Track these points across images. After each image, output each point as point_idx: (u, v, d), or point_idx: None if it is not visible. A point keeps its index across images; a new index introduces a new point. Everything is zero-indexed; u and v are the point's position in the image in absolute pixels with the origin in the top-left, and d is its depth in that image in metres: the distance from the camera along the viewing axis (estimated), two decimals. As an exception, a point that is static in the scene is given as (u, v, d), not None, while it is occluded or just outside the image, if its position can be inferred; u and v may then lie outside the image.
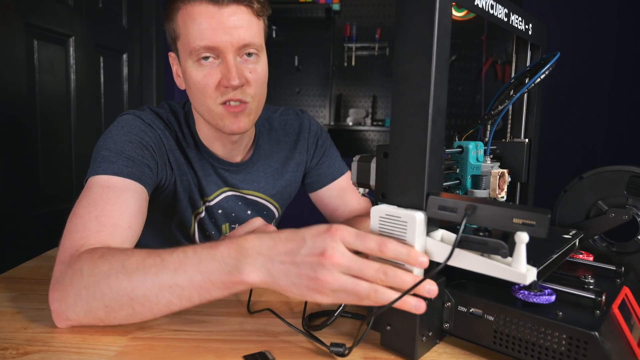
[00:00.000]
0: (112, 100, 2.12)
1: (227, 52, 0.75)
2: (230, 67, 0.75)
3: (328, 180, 1.03)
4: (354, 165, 0.59)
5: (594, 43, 2.71)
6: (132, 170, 0.72)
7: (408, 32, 0.45)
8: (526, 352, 0.46)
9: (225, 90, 0.77)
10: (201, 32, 0.74)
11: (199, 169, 0.89)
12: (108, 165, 0.71)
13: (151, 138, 0.79)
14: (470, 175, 0.59)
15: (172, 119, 0.87)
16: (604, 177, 0.69)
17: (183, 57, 0.79)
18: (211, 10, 0.74)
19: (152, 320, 0.58)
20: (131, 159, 0.74)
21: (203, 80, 0.77)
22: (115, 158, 0.72)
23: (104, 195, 0.67)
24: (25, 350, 0.50)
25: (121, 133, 0.76)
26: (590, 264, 0.60)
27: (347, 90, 2.97)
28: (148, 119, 0.82)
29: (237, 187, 0.93)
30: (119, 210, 0.66)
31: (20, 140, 1.50)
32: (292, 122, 1.02)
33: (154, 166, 0.78)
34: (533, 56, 0.68)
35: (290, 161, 1.00)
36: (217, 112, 0.79)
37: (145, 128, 0.80)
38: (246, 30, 0.76)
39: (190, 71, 0.78)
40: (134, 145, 0.75)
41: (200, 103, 0.80)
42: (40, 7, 1.59)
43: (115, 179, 0.70)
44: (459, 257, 0.44)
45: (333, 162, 1.04)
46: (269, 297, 0.68)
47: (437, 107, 0.45)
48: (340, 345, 0.49)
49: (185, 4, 0.75)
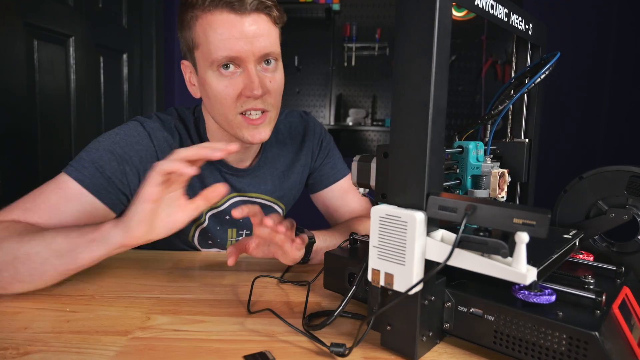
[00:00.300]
0: (112, 101, 2.11)
1: (249, 61, 0.75)
2: (253, 77, 0.75)
3: (330, 182, 1.04)
4: (354, 165, 0.59)
5: (594, 43, 2.72)
6: (94, 182, 0.74)
7: (408, 32, 0.45)
8: (526, 352, 0.46)
9: (246, 100, 0.77)
10: (223, 42, 0.73)
11: (206, 177, 0.88)
12: (76, 169, 0.75)
13: (140, 150, 0.80)
14: (471, 175, 0.59)
15: (180, 125, 0.87)
16: (604, 177, 0.69)
17: (202, 66, 0.78)
18: (232, 19, 0.73)
19: (152, 320, 0.58)
20: (101, 171, 0.75)
21: (224, 91, 0.76)
22: (87, 164, 0.75)
23: (52, 195, 0.72)
24: (26, 350, 0.50)
25: (110, 141, 0.78)
26: (590, 264, 0.60)
27: (347, 90, 2.97)
28: (150, 127, 0.82)
29: (243, 191, 0.93)
30: (49, 214, 0.70)
31: (20, 140, 1.50)
32: (297, 124, 1.02)
33: (124, 182, 0.78)
34: (533, 56, 0.68)
35: (296, 163, 1.00)
36: (236, 122, 0.79)
37: (140, 139, 0.80)
38: (266, 39, 0.76)
39: (211, 81, 0.77)
40: (111, 157, 0.77)
41: (218, 113, 0.80)
42: (40, 7, 1.59)
43: (74, 185, 0.73)
44: (459, 257, 0.44)
45: (335, 164, 1.05)
46: (269, 297, 0.68)
47: (437, 107, 0.45)
48: (340, 346, 0.49)
49: (205, 13, 0.74)
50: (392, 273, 0.48)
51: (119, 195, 0.77)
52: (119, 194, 0.77)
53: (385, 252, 0.48)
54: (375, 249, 0.49)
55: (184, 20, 0.77)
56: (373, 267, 0.50)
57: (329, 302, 0.66)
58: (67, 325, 0.56)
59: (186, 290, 0.69)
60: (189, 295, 0.68)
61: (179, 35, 0.81)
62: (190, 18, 0.76)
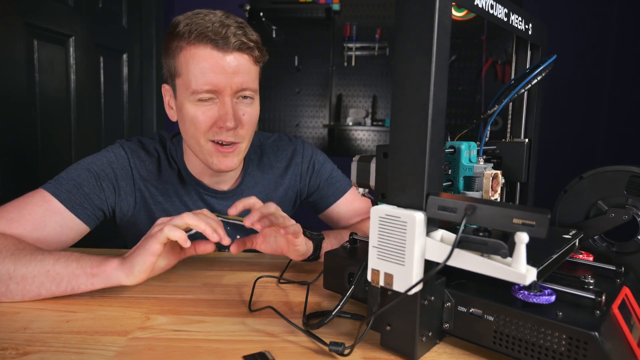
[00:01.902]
0: (112, 100, 2.11)
1: (225, 94, 0.78)
2: (227, 109, 0.79)
3: (334, 199, 1.04)
4: (353, 165, 0.59)
5: (594, 43, 2.72)
6: (70, 197, 0.77)
7: (408, 32, 0.45)
8: (526, 353, 0.46)
9: (218, 131, 0.80)
10: (204, 75, 0.77)
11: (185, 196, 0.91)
12: (54, 186, 0.78)
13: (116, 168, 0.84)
14: (463, 176, 0.59)
15: (159, 148, 0.91)
16: (604, 177, 0.69)
17: (181, 93, 0.81)
18: (215, 55, 0.76)
19: (151, 321, 0.58)
20: (78, 187, 0.79)
21: (199, 118, 0.80)
22: (65, 182, 0.79)
23: (35, 207, 0.74)
24: (25, 350, 0.50)
25: (88, 161, 0.84)
26: (590, 264, 0.60)
27: (347, 90, 2.97)
28: (129, 147, 0.88)
29: (223, 214, 0.94)
30: (34, 226, 0.73)
31: (20, 141, 1.50)
32: (284, 147, 1.03)
33: (102, 198, 0.82)
34: (533, 56, 0.68)
35: (280, 187, 1.01)
36: (206, 148, 0.82)
37: (116, 158, 0.86)
38: (245, 76, 0.79)
39: (188, 108, 0.80)
40: (89, 175, 0.81)
41: (191, 137, 0.83)
42: (40, 7, 1.59)
43: (53, 200, 0.76)
44: (458, 257, 0.44)
45: (334, 181, 1.05)
46: (269, 297, 0.68)
47: (436, 107, 0.45)
48: (339, 344, 0.49)
49: (190, 45, 0.77)
50: (391, 273, 0.48)
51: (95, 211, 0.82)
52: (95, 209, 0.81)
53: (385, 252, 0.48)
54: (374, 249, 0.49)
55: (169, 48, 0.81)
56: (372, 267, 0.50)
57: (329, 302, 0.66)
58: (66, 325, 0.56)
59: (185, 290, 0.69)
60: (188, 295, 0.68)
61: (163, 61, 0.84)
62: (176, 47, 0.79)
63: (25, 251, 0.64)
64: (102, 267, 0.62)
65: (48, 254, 0.64)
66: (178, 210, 0.90)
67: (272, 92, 2.96)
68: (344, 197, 1.04)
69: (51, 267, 0.62)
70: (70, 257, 0.64)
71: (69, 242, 0.78)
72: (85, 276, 0.62)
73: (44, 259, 0.63)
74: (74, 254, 0.65)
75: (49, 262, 0.62)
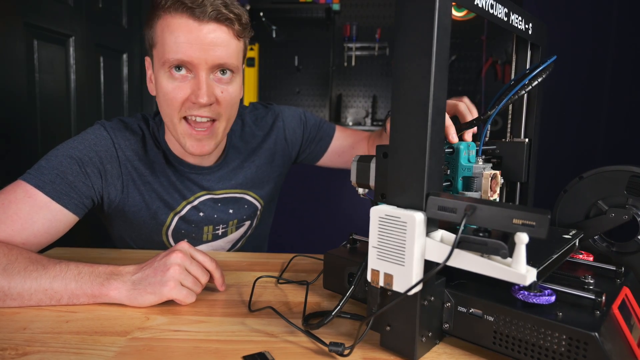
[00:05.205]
0: (112, 101, 2.11)
1: (201, 68, 0.75)
2: (202, 84, 0.75)
3: (329, 138, 1.10)
4: (353, 165, 0.59)
5: (594, 43, 2.71)
6: (55, 188, 0.74)
7: (408, 32, 0.45)
8: (526, 353, 0.46)
9: (191, 106, 0.77)
10: (177, 45, 0.73)
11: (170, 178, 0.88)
12: (35, 177, 0.74)
13: (99, 151, 0.81)
14: (462, 176, 0.59)
15: (143, 126, 0.88)
16: (604, 177, 0.68)
17: (157, 65, 0.78)
18: (191, 25, 0.73)
19: (151, 321, 0.58)
20: (62, 176, 0.75)
21: (172, 93, 0.76)
22: (47, 171, 0.75)
23: (19, 205, 0.71)
24: (24, 350, 0.50)
25: (68, 146, 0.79)
26: (590, 264, 0.60)
27: (347, 90, 2.97)
28: (111, 127, 0.84)
29: (212, 189, 0.92)
30: (21, 225, 0.70)
31: (20, 140, 1.50)
32: (262, 114, 1.04)
33: (88, 184, 0.79)
34: (533, 56, 0.68)
35: (259, 150, 1.00)
36: (180, 128, 0.79)
37: (98, 140, 0.82)
38: (223, 49, 0.75)
39: (161, 81, 0.77)
40: (71, 162, 0.77)
41: (165, 114, 0.80)
42: (40, 7, 1.59)
43: (37, 194, 0.72)
44: (458, 257, 0.44)
45: (322, 123, 1.11)
46: (268, 297, 0.68)
47: (436, 107, 0.45)
48: (339, 345, 0.49)
49: (166, 14, 0.74)
50: (391, 273, 0.48)
51: (83, 199, 0.78)
52: (83, 197, 0.78)
53: (385, 252, 0.48)
54: (374, 249, 0.49)
55: (150, 18, 0.78)
56: (372, 268, 0.50)
57: (329, 303, 0.66)
58: (66, 325, 0.56)
59: (185, 291, 0.69)
60: (188, 295, 0.67)
61: (144, 31, 0.81)
62: (154, 17, 0.77)
63: (18, 264, 0.63)
64: (104, 289, 0.61)
65: (42, 270, 0.62)
66: (167, 190, 0.88)
67: (272, 92, 2.96)
68: (337, 132, 1.11)
69: (49, 286, 0.61)
70: (66, 274, 0.62)
71: (59, 234, 0.76)
72: (86, 297, 0.62)
73: (39, 276, 0.61)
74: (70, 268, 0.63)
75: (46, 281, 0.61)
